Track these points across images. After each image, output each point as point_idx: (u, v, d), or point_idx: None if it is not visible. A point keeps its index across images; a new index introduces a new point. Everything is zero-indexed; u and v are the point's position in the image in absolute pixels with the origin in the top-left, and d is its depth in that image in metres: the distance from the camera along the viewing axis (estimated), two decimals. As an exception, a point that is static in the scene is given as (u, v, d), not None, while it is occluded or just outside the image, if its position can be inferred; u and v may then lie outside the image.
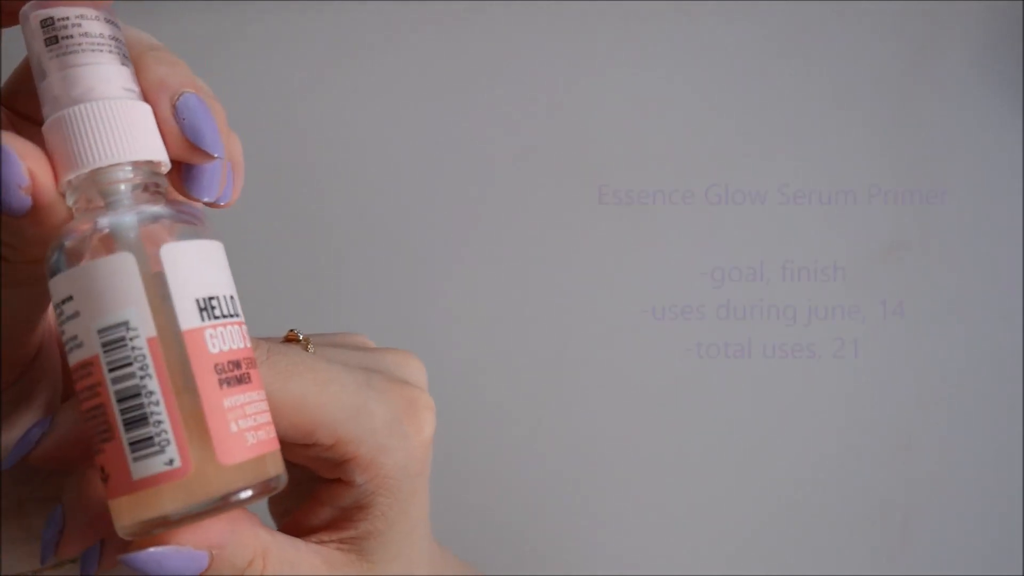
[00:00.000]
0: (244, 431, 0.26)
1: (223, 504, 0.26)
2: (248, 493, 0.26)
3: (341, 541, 0.33)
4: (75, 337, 0.26)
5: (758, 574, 0.56)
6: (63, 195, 0.27)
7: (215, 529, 0.28)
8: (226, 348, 0.26)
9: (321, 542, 0.33)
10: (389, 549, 0.33)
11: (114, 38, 0.27)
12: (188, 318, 0.26)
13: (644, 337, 0.55)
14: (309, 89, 0.55)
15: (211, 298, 0.26)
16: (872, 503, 0.56)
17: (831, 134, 0.56)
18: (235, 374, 0.26)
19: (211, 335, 0.26)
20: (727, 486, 0.56)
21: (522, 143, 0.56)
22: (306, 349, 0.34)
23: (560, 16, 0.55)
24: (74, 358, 0.26)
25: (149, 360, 0.26)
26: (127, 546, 0.27)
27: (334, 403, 0.31)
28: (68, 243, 0.26)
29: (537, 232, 0.56)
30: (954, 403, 0.56)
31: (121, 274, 0.26)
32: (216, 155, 0.28)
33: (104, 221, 0.26)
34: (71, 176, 0.26)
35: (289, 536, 0.32)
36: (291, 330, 0.34)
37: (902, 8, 0.55)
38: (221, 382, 0.26)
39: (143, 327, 0.26)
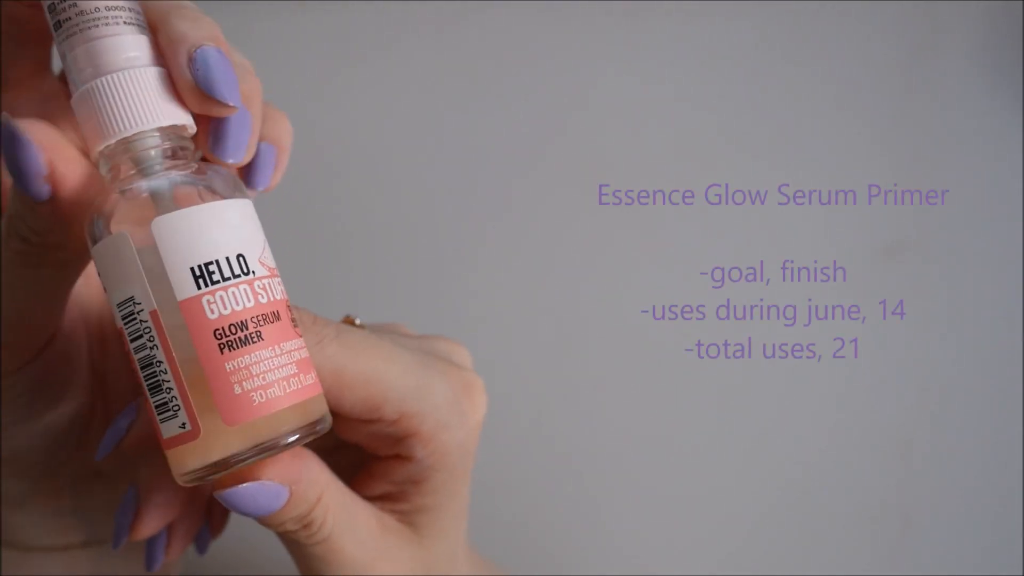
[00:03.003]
0: (250, 392, 0.27)
1: (230, 464, 0.27)
2: (248, 456, 0.27)
3: (393, 512, 0.34)
4: (111, 309, 0.28)
5: (758, 574, 0.56)
6: (97, 166, 0.27)
7: (292, 465, 0.29)
8: (227, 311, 0.27)
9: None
10: (439, 525, 0.34)
11: (129, 9, 0.27)
12: (183, 288, 0.27)
13: (644, 337, 0.56)
14: (308, 90, 0.55)
15: (208, 264, 0.27)
16: (872, 503, 0.56)
17: (831, 134, 0.56)
18: (239, 336, 0.27)
19: (209, 301, 0.27)
20: (726, 486, 0.56)
21: (522, 143, 0.56)
22: None
23: (560, 16, 0.55)
24: (116, 326, 0.28)
25: (154, 332, 0.27)
26: (220, 485, 0.29)
27: (400, 379, 0.32)
28: (106, 210, 0.27)
29: (537, 232, 0.56)
30: (954, 403, 0.56)
31: (121, 252, 0.27)
32: (230, 103, 0.28)
33: (133, 188, 0.27)
34: (100, 147, 0.27)
35: (348, 488, 0.33)
36: (347, 315, 0.35)
37: (902, 8, 0.55)
38: (222, 347, 0.27)
39: (145, 301, 0.27)
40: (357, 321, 0.35)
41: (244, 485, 0.28)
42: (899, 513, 0.56)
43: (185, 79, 0.27)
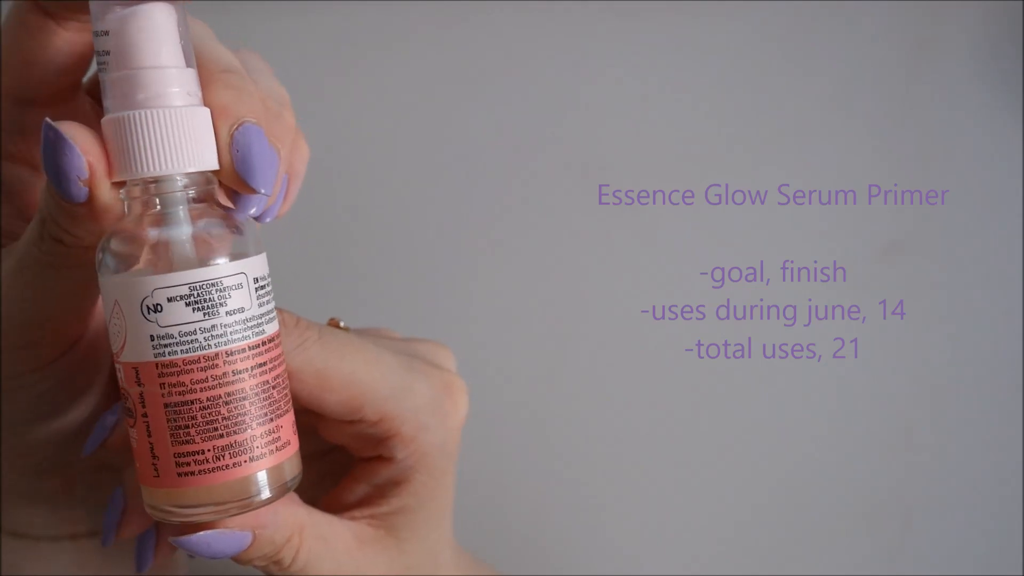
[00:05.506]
0: None
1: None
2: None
3: (372, 517, 0.34)
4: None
5: (758, 574, 0.56)
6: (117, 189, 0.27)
7: (258, 512, 0.29)
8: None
9: (353, 518, 0.34)
10: (418, 527, 0.34)
11: (178, 40, 0.27)
12: None
13: (644, 337, 0.56)
14: (307, 90, 0.55)
15: None
16: (872, 503, 0.56)
17: (831, 134, 0.56)
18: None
19: None
20: (726, 486, 0.56)
21: (522, 143, 0.56)
22: None
23: (560, 16, 0.55)
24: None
25: None
26: (179, 531, 0.29)
27: (381, 381, 0.32)
28: (115, 246, 0.27)
29: (537, 232, 0.56)
30: (954, 403, 0.56)
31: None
32: (263, 192, 0.28)
33: (154, 233, 0.27)
34: (124, 179, 0.27)
35: (323, 512, 0.33)
36: (332, 318, 0.36)
37: (902, 7, 0.55)
38: None
39: None
40: (342, 324, 0.35)
41: (199, 534, 0.28)
42: (899, 513, 0.56)
43: (224, 156, 0.27)
